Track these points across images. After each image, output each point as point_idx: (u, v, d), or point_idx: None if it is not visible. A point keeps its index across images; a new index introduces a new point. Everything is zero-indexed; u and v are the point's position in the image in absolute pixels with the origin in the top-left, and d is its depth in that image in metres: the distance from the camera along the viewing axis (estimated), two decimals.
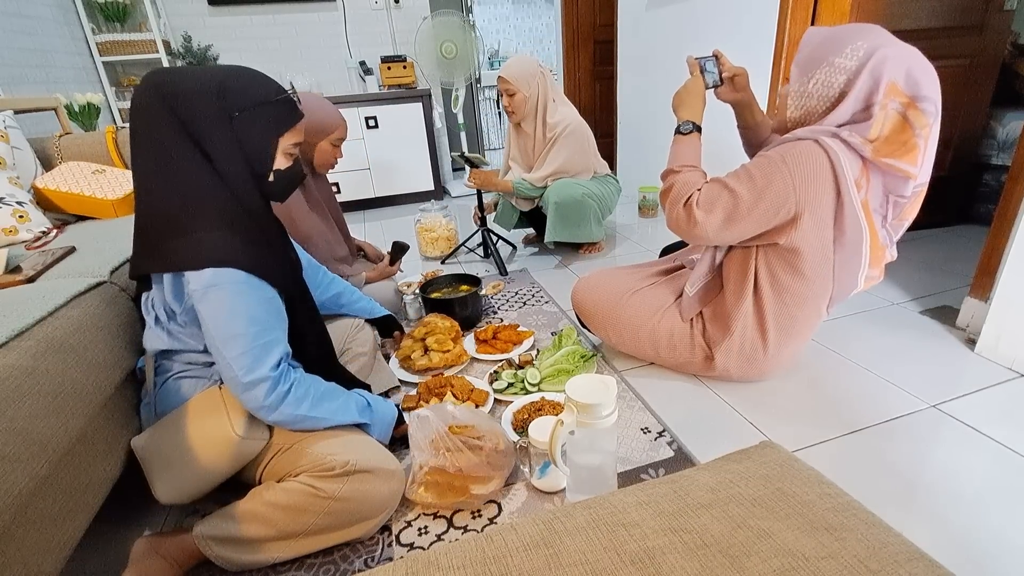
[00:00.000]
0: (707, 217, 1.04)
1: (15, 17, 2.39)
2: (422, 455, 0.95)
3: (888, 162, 0.93)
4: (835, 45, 0.94)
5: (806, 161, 0.96)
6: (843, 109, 0.95)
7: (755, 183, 1.00)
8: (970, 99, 2.03)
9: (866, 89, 0.92)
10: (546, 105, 2.05)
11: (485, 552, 0.47)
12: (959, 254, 1.92)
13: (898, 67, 0.91)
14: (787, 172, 0.97)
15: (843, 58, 0.93)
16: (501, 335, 1.54)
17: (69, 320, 0.87)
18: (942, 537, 0.86)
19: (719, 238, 1.08)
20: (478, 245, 2.41)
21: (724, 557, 0.44)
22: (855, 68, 0.92)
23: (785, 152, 0.98)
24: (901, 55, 0.91)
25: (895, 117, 0.92)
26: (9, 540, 0.67)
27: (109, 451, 0.90)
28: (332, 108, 1.52)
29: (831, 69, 0.95)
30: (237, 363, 0.82)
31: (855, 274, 1.07)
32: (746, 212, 1.01)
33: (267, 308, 0.86)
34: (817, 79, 0.97)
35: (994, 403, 1.15)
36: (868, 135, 0.94)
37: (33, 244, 1.39)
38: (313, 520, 0.84)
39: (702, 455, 1.07)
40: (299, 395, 0.87)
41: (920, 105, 0.92)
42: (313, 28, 3.41)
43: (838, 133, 0.95)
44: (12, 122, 1.65)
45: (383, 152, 3.35)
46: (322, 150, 1.52)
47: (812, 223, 1.00)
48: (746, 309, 1.15)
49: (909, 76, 0.91)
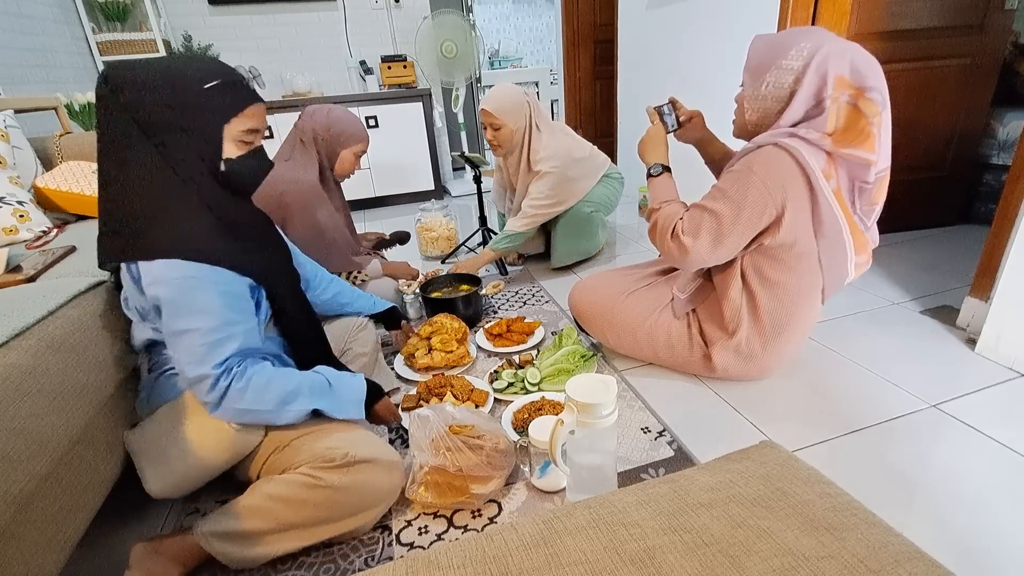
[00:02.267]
0: (695, 242, 1.08)
1: (15, 17, 2.39)
2: (422, 455, 0.95)
3: (848, 152, 0.98)
4: (781, 49, 0.99)
5: (772, 163, 1.00)
6: (795, 107, 1.00)
7: (731, 198, 1.04)
8: (971, 99, 2.02)
9: (815, 85, 0.97)
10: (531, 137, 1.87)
11: (485, 551, 0.47)
12: (959, 254, 1.92)
13: (842, 61, 0.96)
14: (758, 179, 1.01)
15: (789, 59, 0.98)
16: (514, 327, 1.57)
17: (69, 319, 0.87)
18: (942, 537, 0.86)
19: (714, 258, 1.10)
20: (478, 245, 2.41)
21: (724, 557, 0.44)
22: (801, 67, 0.97)
23: (750, 161, 1.03)
24: (843, 50, 0.96)
25: (847, 108, 0.97)
26: (9, 539, 0.67)
27: (109, 451, 0.90)
28: (359, 122, 1.63)
29: (779, 71, 1.00)
30: (183, 360, 0.81)
31: (844, 263, 1.09)
32: (730, 227, 1.05)
33: (225, 301, 0.84)
34: (768, 82, 1.01)
35: (994, 403, 1.15)
36: (825, 129, 0.98)
37: (33, 243, 1.39)
38: (313, 512, 0.84)
39: (702, 455, 1.07)
40: (240, 388, 0.83)
41: (868, 95, 0.96)
42: (313, 28, 3.41)
43: (795, 132, 0.99)
44: (12, 121, 1.65)
45: (383, 152, 3.35)
46: (344, 159, 1.62)
47: (793, 218, 1.03)
48: (739, 307, 1.16)
49: (854, 69, 0.96)
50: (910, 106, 2.00)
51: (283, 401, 0.87)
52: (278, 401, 0.86)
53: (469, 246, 2.43)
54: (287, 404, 0.87)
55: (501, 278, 2.10)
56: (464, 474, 0.94)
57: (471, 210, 3.03)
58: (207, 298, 0.82)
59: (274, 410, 0.87)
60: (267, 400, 0.85)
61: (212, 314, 0.82)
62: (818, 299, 1.15)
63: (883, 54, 1.90)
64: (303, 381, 0.91)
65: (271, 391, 0.86)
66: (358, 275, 1.70)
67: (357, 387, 0.98)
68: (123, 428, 0.95)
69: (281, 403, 0.87)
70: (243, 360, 0.85)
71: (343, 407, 0.94)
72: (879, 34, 1.89)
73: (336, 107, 1.61)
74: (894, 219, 2.17)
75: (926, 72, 1.95)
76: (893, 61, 1.92)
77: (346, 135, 1.58)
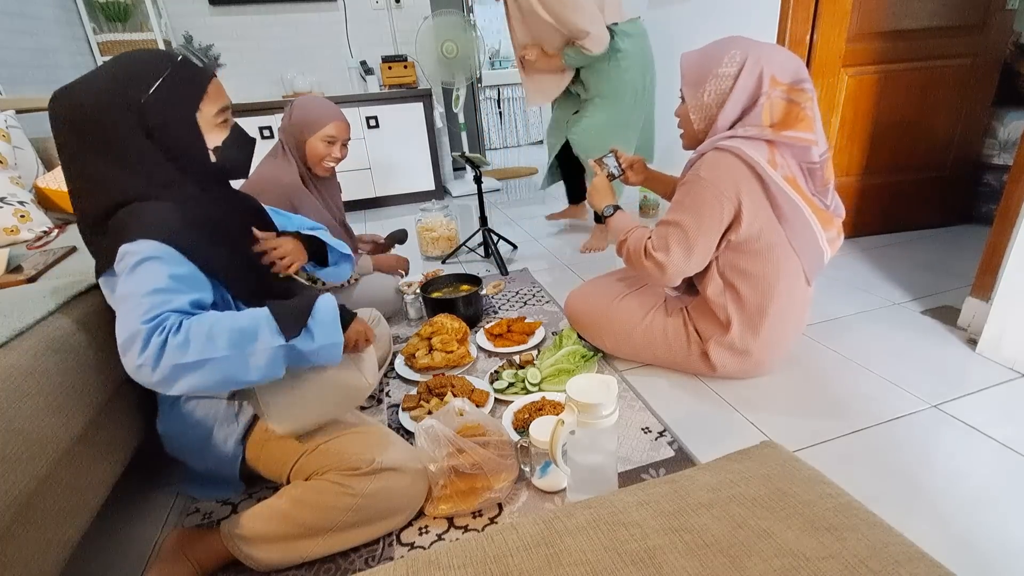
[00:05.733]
0: (668, 256, 1.13)
1: (16, 17, 2.39)
2: (435, 465, 0.95)
3: (788, 135, 1.04)
4: (714, 59, 1.07)
5: (717, 165, 1.07)
6: (729, 107, 1.07)
7: (688, 207, 1.10)
8: (972, 98, 2.02)
9: (750, 85, 1.05)
10: None
11: (486, 551, 0.47)
12: (960, 254, 1.92)
13: (771, 62, 1.04)
14: (707, 183, 1.07)
15: (724, 67, 1.06)
16: (515, 327, 1.57)
17: (70, 320, 0.87)
18: (943, 537, 0.85)
19: (691, 266, 1.14)
20: (479, 245, 2.41)
21: (724, 557, 0.44)
22: (736, 72, 1.05)
23: (697, 169, 1.10)
24: (770, 52, 1.05)
25: (781, 103, 1.05)
26: (10, 540, 0.67)
27: (110, 451, 0.90)
28: (323, 107, 1.50)
29: (717, 79, 1.07)
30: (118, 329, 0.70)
31: (815, 241, 1.12)
32: (696, 234, 1.10)
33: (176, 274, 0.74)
34: (708, 90, 1.09)
35: (995, 403, 1.15)
36: (761, 122, 1.06)
37: (34, 244, 1.39)
38: (340, 517, 0.85)
39: (703, 455, 1.07)
40: (179, 341, 0.68)
41: (800, 86, 1.05)
42: (314, 28, 3.41)
43: (734, 133, 1.07)
44: (14, 122, 1.65)
45: (384, 152, 3.36)
46: (312, 147, 1.49)
47: (752, 211, 1.07)
48: (724, 305, 1.18)
49: (783, 67, 1.05)
50: (910, 106, 2.00)
51: (239, 343, 0.71)
52: (232, 343, 0.71)
53: (469, 246, 2.43)
54: (248, 345, 0.72)
55: (502, 278, 2.10)
56: (484, 471, 0.94)
57: (472, 210, 3.03)
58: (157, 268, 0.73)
59: (233, 357, 0.71)
60: (218, 346, 0.70)
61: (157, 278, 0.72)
62: (801, 281, 1.17)
63: (883, 54, 1.91)
64: (258, 313, 0.75)
65: (219, 334, 0.70)
66: None
67: (327, 307, 0.79)
68: (123, 429, 0.95)
69: (237, 346, 0.71)
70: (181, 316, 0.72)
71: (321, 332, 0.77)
72: (879, 34, 1.88)
73: (309, 96, 1.52)
74: (895, 219, 2.18)
75: (926, 72, 1.95)
76: (893, 61, 1.92)
77: (307, 122, 1.47)
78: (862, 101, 1.97)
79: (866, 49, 1.89)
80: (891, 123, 2.02)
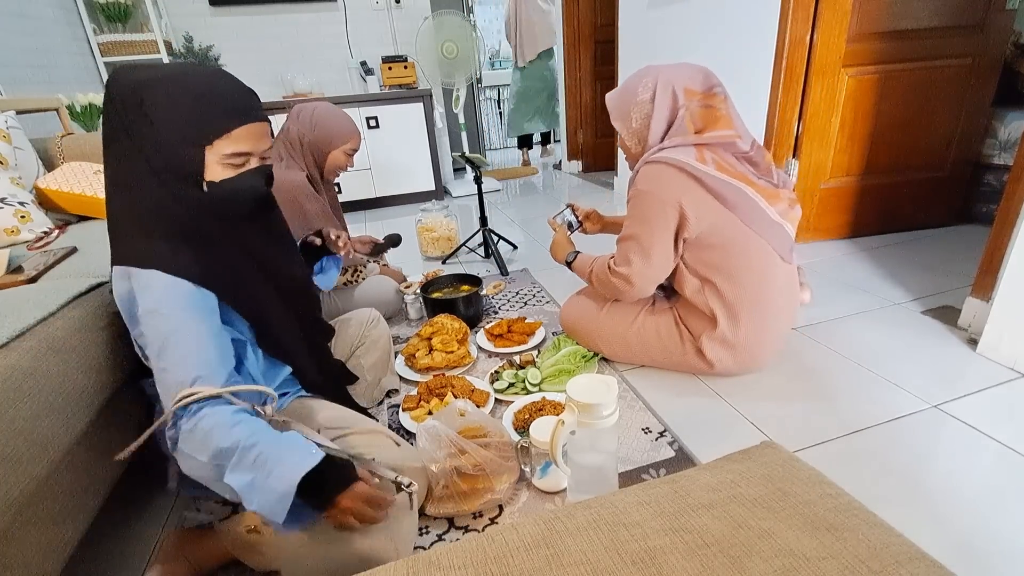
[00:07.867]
0: (631, 268, 1.22)
1: (17, 18, 2.40)
2: (437, 465, 0.94)
3: (711, 135, 1.13)
4: (631, 91, 1.19)
5: (651, 176, 1.15)
6: (655, 125, 1.17)
7: (636, 218, 1.20)
8: (972, 99, 2.02)
9: (667, 102, 1.16)
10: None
11: (486, 552, 0.47)
12: (960, 254, 1.92)
13: (680, 77, 1.15)
14: (647, 194, 1.16)
15: (641, 94, 1.17)
16: (515, 327, 1.57)
17: (71, 321, 0.87)
18: (944, 537, 0.85)
19: (656, 272, 1.22)
20: (479, 245, 2.41)
21: (725, 557, 0.44)
22: (651, 95, 1.16)
23: (635, 184, 1.19)
24: (677, 70, 1.16)
25: (699, 110, 1.14)
26: (10, 541, 0.67)
27: (110, 451, 0.90)
28: (346, 119, 1.56)
29: (638, 106, 1.18)
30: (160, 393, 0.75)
31: (767, 216, 1.16)
32: (649, 240, 1.18)
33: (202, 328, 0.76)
34: (634, 117, 1.20)
35: (996, 403, 1.15)
36: (687, 131, 1.15)
37: (35, 244, 1.39)
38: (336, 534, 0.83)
39: (703, 455, 1.07)
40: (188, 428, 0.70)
41: (712, 92, 1.15)
42: (314, 28, 3.41)
43: (662, 146, 1.16)
44: (14, 122, 1.65)
45: (384, 152, 3.36)
46: (334, 159, 1.57)
47: (695, 208, 1.13)
48: (705, 300, 1.21)
49: (692, 79, 1.15)
50: (910, 106, 2.00)
51: (217, 457, 0.69)
52: (211, 455, 0.69)
53: (470, 246, 2.43)
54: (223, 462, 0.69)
55: (502, 278, 2.10)
56: (485, 472, 0.94)
57: (472, 210, 3.03)
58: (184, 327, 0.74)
59: (208, 465, 0.70)
60: (203, 451, 0.69)
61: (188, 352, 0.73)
62: (775, 260, 1.18)
63: (883, 54, 1.91)
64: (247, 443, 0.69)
65: (210, 442, 0.69)
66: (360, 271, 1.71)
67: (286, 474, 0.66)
68: (123, 430, 0.95)
69: (215, 460, 0.69)
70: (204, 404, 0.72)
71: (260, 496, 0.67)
72: (879, 34, 1.88)
73: (321, 105, 1.55)
74: (895, 219, 2.18)
75: (926, 72, 1.95)
76: (893, 61, 1.92)
77: (334, 134, 1.53)
78: (862, 101, 1.97)
79: (866, 49, 1.89)
80: (891, 123, 2.02)
